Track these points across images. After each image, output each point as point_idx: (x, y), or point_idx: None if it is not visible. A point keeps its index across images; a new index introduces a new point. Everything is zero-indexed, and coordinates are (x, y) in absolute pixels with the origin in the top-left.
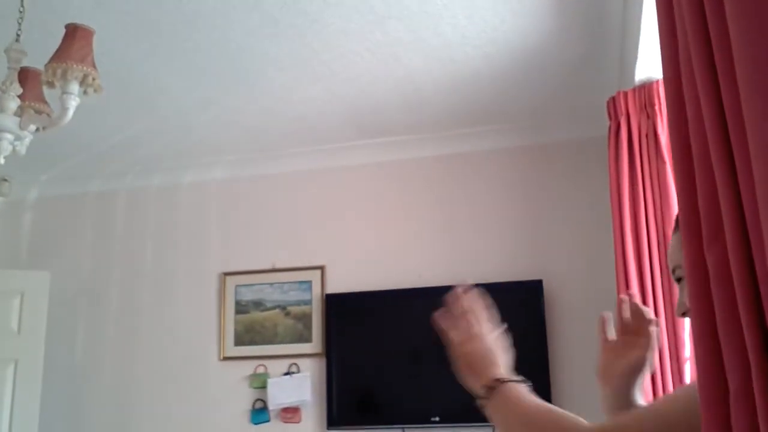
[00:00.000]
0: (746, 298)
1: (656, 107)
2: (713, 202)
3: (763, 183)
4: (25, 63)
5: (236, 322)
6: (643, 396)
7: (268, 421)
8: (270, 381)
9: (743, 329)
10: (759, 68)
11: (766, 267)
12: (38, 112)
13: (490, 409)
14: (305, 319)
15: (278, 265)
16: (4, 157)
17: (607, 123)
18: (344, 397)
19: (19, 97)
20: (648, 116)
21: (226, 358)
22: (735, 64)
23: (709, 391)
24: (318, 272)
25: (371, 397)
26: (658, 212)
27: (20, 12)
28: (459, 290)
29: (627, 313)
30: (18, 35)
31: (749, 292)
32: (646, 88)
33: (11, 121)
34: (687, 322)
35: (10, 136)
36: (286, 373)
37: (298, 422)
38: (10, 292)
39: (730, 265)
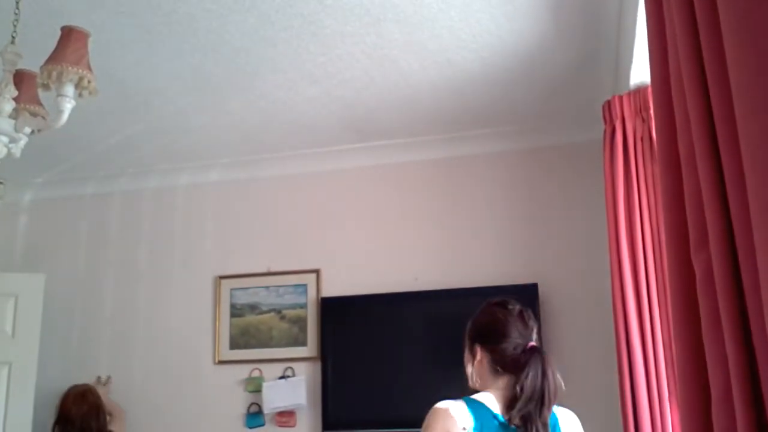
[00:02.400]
0: (731, 305)
1: (651, 111)
2: (700, 210)
3: (757, 193)
4: (20, 65)
5: (231, 326)
6: None
7: (263, 425)
8: (265, 385)
9: (725, 337)
10: (754, 77)
11: (753, 275)
12: (33, 114)
13: None
14: (300, 322)
15: (274, 269)
16: None
17: (603, 127)
18: (339, 401)
19: (15, 99)
20: (643, 120)
21: (221, 362)
22: (728, 71)
23: (689, 398)
24: (313, 276)
25: (366, 401)
26: (653, 215)
27: (15, 14)
28: None
29: None
30: (13, 37)
31: (734, 301)
32: (642, 92)
33: (6, 124)
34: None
35: (5, 139)
36: (282, 377)
37: (293, 426)
38: (5, 295)
39: (714, 273)
